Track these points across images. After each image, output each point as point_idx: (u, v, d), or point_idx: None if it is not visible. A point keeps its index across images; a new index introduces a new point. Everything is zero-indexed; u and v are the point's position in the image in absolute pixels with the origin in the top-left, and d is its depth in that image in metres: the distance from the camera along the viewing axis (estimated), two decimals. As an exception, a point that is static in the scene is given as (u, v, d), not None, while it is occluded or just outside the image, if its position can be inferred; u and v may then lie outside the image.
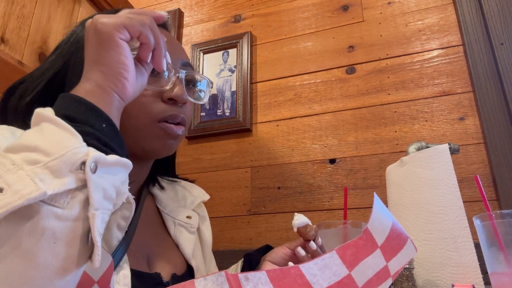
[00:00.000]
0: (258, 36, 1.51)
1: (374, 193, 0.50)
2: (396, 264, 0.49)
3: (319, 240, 0.64)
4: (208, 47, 1.54)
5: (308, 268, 0.42)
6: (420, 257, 0.81)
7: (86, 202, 0.34)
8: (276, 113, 1.38)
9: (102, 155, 0.36)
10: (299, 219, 0.62)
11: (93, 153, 0.35)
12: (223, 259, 0.82)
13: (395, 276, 0.49)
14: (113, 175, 0.37)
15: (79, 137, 0.35)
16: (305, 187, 1.25)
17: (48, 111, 0.37)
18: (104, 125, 0.39)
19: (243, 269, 0.76)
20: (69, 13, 1.33)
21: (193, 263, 0.70)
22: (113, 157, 0.37)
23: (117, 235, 0.53)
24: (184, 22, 1.68)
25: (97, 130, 0.38)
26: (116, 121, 0.42)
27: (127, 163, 0.40)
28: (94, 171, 0.34)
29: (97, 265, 0.35)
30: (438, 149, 0.87)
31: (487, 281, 0.71)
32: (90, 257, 0.36)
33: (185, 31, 1.66)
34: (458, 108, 1.16)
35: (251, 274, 0.40)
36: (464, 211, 0.81)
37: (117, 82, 0.43)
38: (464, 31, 1.20)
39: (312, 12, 1.46)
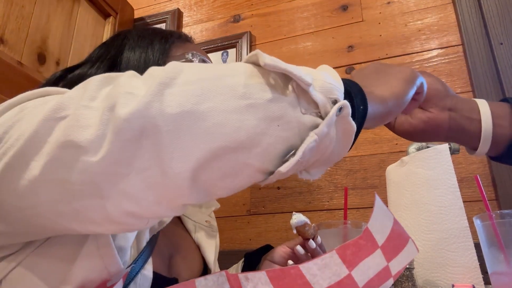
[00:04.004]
0: (258, 36, 1.51)
1: (375, 193, 0.50)
2: (397, 265, 0.49)
3: (318, 238, 0.64)
4: (208, 47, 1.54)
5: (308, 268, 0.42)
6: (420, 257, 0.81)
7: (314, 126, 0.36)
8: (275, 113, 1.38)
9: (349, 110, 0.37)
10: (297, 218, 0.62)
11: (348, 105, 0.37)
12: (223, 259, 0.82)
13: (397, 276, 0.49)
14: (333, 135, 0.38)
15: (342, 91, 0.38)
16: (305, 187, 1.25)
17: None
18: (361, 107, 0.41)
19: (244, 269, 0.76)
20: (68, 13, 1.33)
21: (213, 270, 0.71)
22: (350, 124, 0.38)
23: (147, 237, 0.53)
24: (183, 22, 1.68)
25: (354, 104, 0.40)
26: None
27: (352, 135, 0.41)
28: (336, 114, 0.36)
29: (284, 170, 0.36)
30: (438, 149, 0.87)
31: (487, 281, 0.71)
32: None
33: (185, 31, 1.66)
34: (458, 108, 1.16)
35: (251, 274, 0.40)
36: (464, 211, 0.81)
37: (394, 116, 0.49)
38: (463, 31, 1.20)
39: (311, 12, 1.46)
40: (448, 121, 0.57)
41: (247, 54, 1.45)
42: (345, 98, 0.38)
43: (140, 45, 0.67)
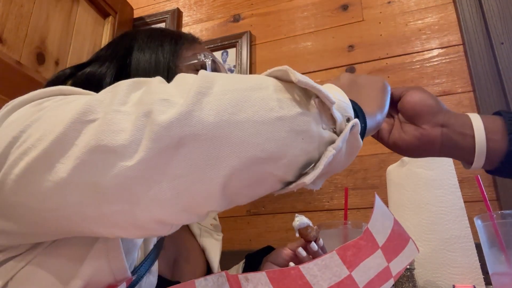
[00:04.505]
0: (258, 35, 1.51)
1: (375, 193, 0.49)
2: (398, 265, 0.49)
3: (320, 241, 0.64)
4: (207, 46, 1.54)
5: (308, 269, 0.42)
6: (421, 258, 0.80)
7: (331, 142, 0.39)
8: (275, 113, 1.38)
9: (359, 127, 0.40)
10: (300, 220, 0.62)
11: (358, 122, 0.40)
12: (222, 260, 0.82)
13: (397, 277, 0.49)
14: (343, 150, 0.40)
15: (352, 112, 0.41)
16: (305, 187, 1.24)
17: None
18: (363, 125, 0.44)
19: (244, 270, 0.76)
20: (67, 13, 1.33)
21: None
22: (358, 140, 0.41)
23: (154, 240, 0.53)
24: (183, 22, 1.68)
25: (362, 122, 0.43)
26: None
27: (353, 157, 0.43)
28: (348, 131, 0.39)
29: (308, 181, 0.37)
30: (438, 149, 0.87)
31: (488, 282, 0.70)
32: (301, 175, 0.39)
33: (184, 30, 1.65)
34: (459, 107, 1.16)
35: (251, 275, 0.40)
36: (465, 211, 0.81)
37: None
38: (464, 30, 1.20)
39: (311, 11, 1.46)
40: (440, 137, 0.57)
41: (247, 54, 1.45)
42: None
43: (150, 46, 0.66)
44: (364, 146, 1.20)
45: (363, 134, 0.43)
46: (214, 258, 0.73)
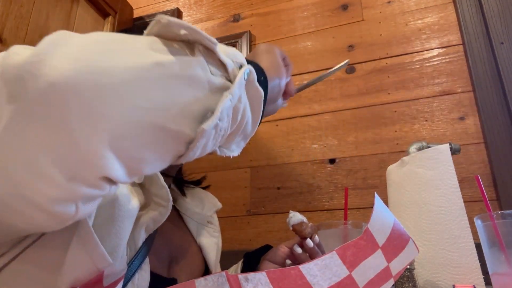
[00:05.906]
0: (258, 35, 1.51)
1: (375, 193, 0.49)
2: (398, 265, 0.49)
3: (316, 237, 0.64)
4: (207, 46, 1.54)
5: (308, 269, 0.42)
6: (420, 258, 0.80)
7: (225, 89, 0.37)
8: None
9: (255, 75, 0.41)
10: (294, 217, 0.62)
11: (253, 69, 0.40)
12: (222, 260, 0.82)
13: (397, 277, 0.49)
14: (244, 100, 0.40)
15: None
16: (305, 187, 1.25)
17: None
18: (262, 78, 0.46)
19: (243, 270, 0.76)
20: (67, 13, 1.33)
21: (214, 271, 0.71)
22: (258, 89, 0.42)
23: (143, 237, 0.53)
24: (183, 22, 1.67)
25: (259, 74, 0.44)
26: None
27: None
28: (244, 78, 0.39)
29: (207, 127, 0.35)
30: (439, 149, 0.87)
31: (488, 282, 0.70)
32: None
33: (184, 30, 1.65)
34: (458, 107, 1.16)
35: (251, 275, 0.40)
36: (465, 211, 0.81)
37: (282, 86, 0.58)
38: (464, 30, 1.20)
39: (311, 11, 1.46)
40: None
41: (247, 54, 1.45)
42: None
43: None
44: (364, 146, 1.21)
45: (265, 88, 0.45)
46: (212, 256, 0.72)
